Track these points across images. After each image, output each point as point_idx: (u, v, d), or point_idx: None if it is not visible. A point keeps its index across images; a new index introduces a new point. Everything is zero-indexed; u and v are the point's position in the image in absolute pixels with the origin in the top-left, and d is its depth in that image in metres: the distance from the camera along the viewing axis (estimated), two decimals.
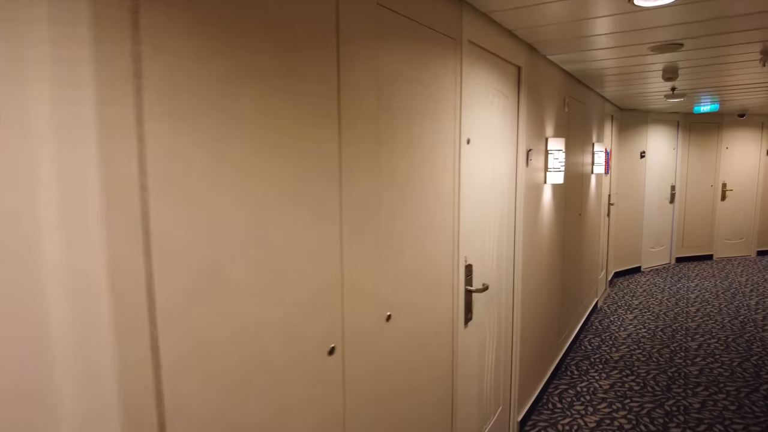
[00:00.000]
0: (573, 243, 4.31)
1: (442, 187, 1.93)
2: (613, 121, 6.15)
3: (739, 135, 7.93)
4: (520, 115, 2.77)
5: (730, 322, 5.07)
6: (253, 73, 1.07)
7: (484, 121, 2.34)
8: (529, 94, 2.89)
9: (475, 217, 2.31)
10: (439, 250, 1.95)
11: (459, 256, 2.11)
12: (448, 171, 1.98)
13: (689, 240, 7.82)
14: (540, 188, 3.22)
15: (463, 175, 2.11)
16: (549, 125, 3.30)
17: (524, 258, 2.98)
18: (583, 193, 4.55)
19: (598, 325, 5.03)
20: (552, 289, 3.71)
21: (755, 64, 3.46)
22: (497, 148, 2.53)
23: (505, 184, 2.67)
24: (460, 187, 2.07)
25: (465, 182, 2.17)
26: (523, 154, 2.84)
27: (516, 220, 2.83)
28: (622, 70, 3.72)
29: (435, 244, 1.91)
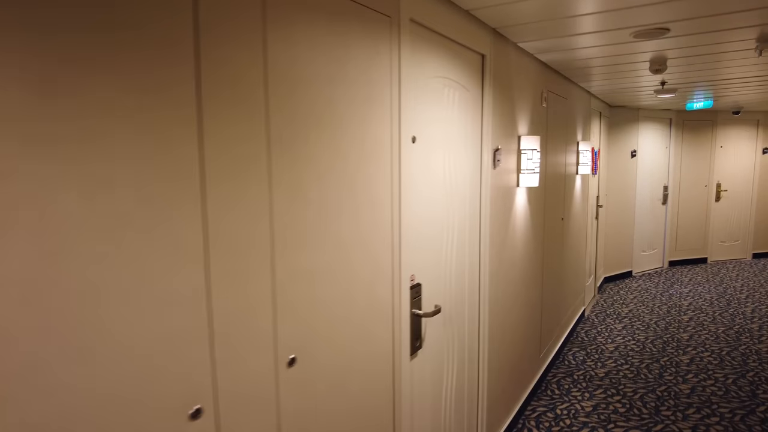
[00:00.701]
0: (554, 250, 3.98)
1: (374, 196, 1.60)
2: (602, 118, 5.84)
3: (734, 133, 7.63)
4: (485, 110, 2.44)
5: (725, 332, 4.76)
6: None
7: (436, 116, 2.01)
8: (496, 86, 2.57)
9: (425, 228, 1.98)
10: (372, 270, 1.62)
11: (402, 276, 1.78)
12: (382, 176, 1.65)
13: (682, 243, 7.52)
14: (512, 192, 2.89)
15: (406, 181, 1.78)
16: (522, 122, 2.98)
17: (493, 271, 2.65)
18: (566, 196, 4.23)
19: (584, 336, 4.71)
20: (530, 301, 3.38)
21: (750, 54, 3.14)
22: (455, 147, 2.20)
23: (466, 189, 2.34)
24: (401, 194, 1.74)
25: (410, 188, 1.84)
26: (489, 154, 2.51)
27: (482, 228, 2.50)
28: (606, 61, 3.39)
29: (365, 264, 1.58)
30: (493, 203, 2.61)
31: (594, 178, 5.56)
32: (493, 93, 2.54)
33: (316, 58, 1.32)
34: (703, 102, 5.86)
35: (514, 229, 2.95)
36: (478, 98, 2.40)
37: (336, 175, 1.42)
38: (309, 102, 1.31)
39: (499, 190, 2.68)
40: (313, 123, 1.33)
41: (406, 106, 1.75)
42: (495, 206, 2.64)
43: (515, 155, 2.91)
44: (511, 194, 2.88)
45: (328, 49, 1.36)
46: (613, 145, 6.51)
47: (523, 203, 3.10)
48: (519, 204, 3.02)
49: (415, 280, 1.93)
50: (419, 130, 1.89)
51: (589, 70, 3.71)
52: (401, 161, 1.73)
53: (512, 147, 2.86)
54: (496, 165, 2.59)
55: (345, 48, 1.43)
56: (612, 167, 6.53)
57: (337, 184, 1.43)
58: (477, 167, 2.44)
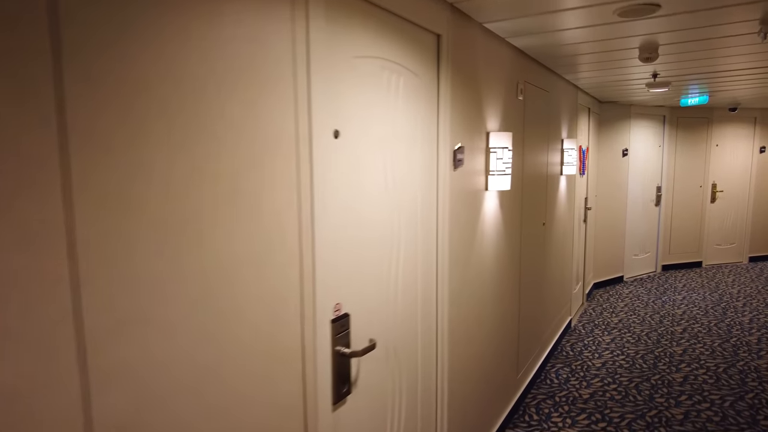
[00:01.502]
0: (535, 259, 3.61)
1: (268, 208, 1.22)
2: (591, 114, 5.47)
3: (730, 131, 7.28)
4: (442, 101, 2.06)
5: (721, 345, 4.40)
6: None
7: (371, 106, 1.63)
8: (457, 74, 2.19)
9: (358, 244, 1.60)
10: (269, 306, 1.24)
11: (318, 308, 1.40)
12: (284, 181, 1.26)
13: (676, 246, 7.17)
14: (479, 197, 2.52)
15: (324, 186, 1.40)
16: (492, 116, 2.60)
17: (454, 290, 2.28)
18: (549, 199, 3.86)
19: (569, 350, 4.35)
20: (504, 319, 3.01)
21: (751, 39, 2.77)
22: (401, 144, 1.82)
23: (417, 195, 1.96)
24: (315, 204, 1.36)
25: (331, 196, 1.46)
26: (448, 152, 2.13)
27: (439, 241, 2.12)
28: (590, 47, 3.02)
29: (256, 298, 1.20)
30: (454, 211, 2.23)
31: (582, 179, 5.19)
32: (453, 81, 2.16)
33: (155, 19, 0.93)
34: (698, 97, 5.50)
35: (482, 239, 2.58)
36: (432, 87, 2.02)
37: (200, 184, 1.04)
38: (144, 83, 0.92)
39: (461, 194, 2.31)
40: (152, 113, 0.94)
41: (322, 92, 1.37)
42: (456, 214, 2.26)
43: (483, 154, 2.53)
44: (478, 199, 2.50)
45: (190, 16, 0.98)
46: (603, 143, 6.15)
47: (494, 209, 2.72)
48: (488, 210, 2.64)
49: (342, 310, 1.55)
50: (345, 123, 1.51)
51: (573, 59, 3.34)
52: (314, 162, 1.35)
53: (479, 145, 2.48)
54: (456, 166, 2.22)
55: (214, 3, 1.04)
56: (602, 167, 6.17)
57: (198, 197, 1.04)
58: (432, 169, 2.06)
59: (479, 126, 2.45)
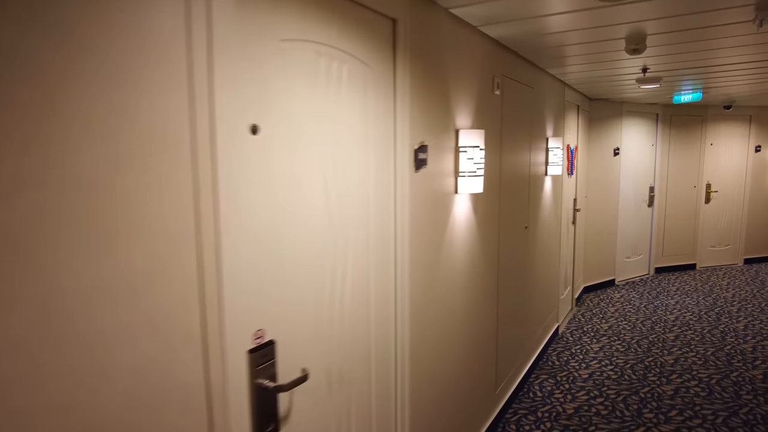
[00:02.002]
0: (516, 264, 3.39)
1: (152, 220, 0.99)
2: (580, 112, 5.25)
3: (725, 130, 7.07)
4: (399, 95, 1.83)
5: (714, 354, 4.19)
6: None
7: (304, 98, 1.40)
8: (417, 64, 1.96)
9: (287, 262, 1.37)
10: (157, 339, 1.01)
11: (228, 336, 1.17)
12: (178, 186, 1.03)
13: (670, 248, 6.96)
14: (448, 201, 2.29)
15: (237, 193, 1.17)
16: (462, 112, 2.37)
17: (417, 303, 2.05)
18: (532, 201, 3.63)
19: (555, 360, 4.13)
20: (479, 330, 2.78)
21: (745, 30, 2.55)
22: (346, 142, 1.59)
23: (368, 199, 1.73)
24: (218, 215, 1.13)
25: (248, 204, 1.23)
26: (408, 152, 1.90)
27: (398, 252, 1.89)
28: (574, 38, 2.80)
29: (135, 333, 0.97)
30: (417, 217, 2.01)
31: (570, 179, 4.97)
32: (414, 73, 1.93)
33: None
34: (692, 95, 5.29)
35: (452, 248, 2.35)
36: (387, 78, 1.79)
37: (32, 191, 0.81)
38: None
39: (426, 199, 2.08)
40: None
41: (231, 77, 1.14)
42: (419, 221, 2.03)
43: (452, 154, 2.30)
44: (446, 204, 2.27)
45: None
46: (593, 142, 5.93)
47: (466, 213, 2.50)
48: (459, 215, 2.42)
49: (265, 337, 1.32)
50: (267, 117, 1.28)
51: (557, 52, 3.11)
52: (220, 162, 1.12)
53: (448, 144, 2.25)
54: (419, 167, 1.99)
55: None
56: (593, 166, 5.95)
57: (26, 208, 0.81)
58: (388, 170, 1.83)
59: (447, 123, 2.22)
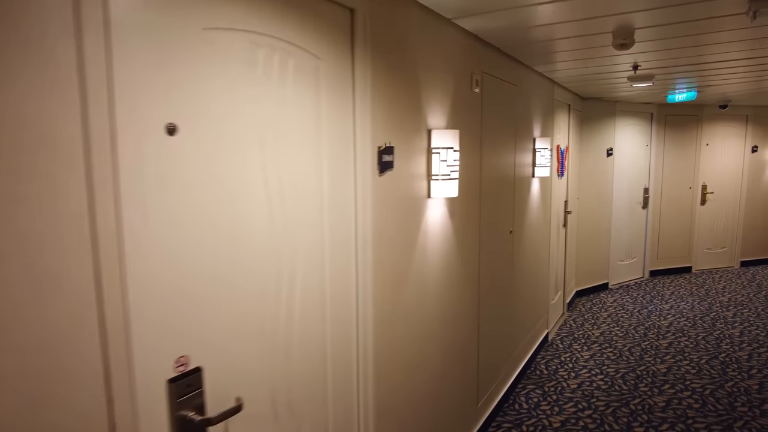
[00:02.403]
0: (499, 271, 3.23)
1: (24, 233, 0.83)
2: (571, 111, 5.10)
3: (721, 130, 6.93)
4: (359, 92, 1.68)
5: (709, 362, 4.04)
6: None
7: (235, 94, 1.25)
8: (382, 59, 1.80)
9: (218, 279, 1.22)
10: (40, 378, 0.86)
11: (138, 366, 1.02)
12: (58, 193, 0.88)
13: (665, 251, 6.82)
14: (419, 206, 2.14)
15: (150, 202, 1.02)
16: (436, 111, 2.22)
17: (382, 317, 1.89)
18: (517, 204, 3.48)
19: (543, 369, 3.97)
20: (457, 343, 2.63)
21: (739, 23, 2.41)
22: (293, 144, 1.43)
23: (322, 206, 1.57)
24: (122, 221, 0.98)
25: (165, 214, 1.07)
26: (370, 154, 1.75)
27: (359, 263, 1.74)
28: (557, 31, 2.64)
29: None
30: (382, 225, 1.85)
31: (561, 181, 4.82)
32: (377, 68, 1.78)
33: None
34: (686, 94, 5.14)
35: (425, 257, 2.20)
36: (344, 73, 1.63)
37: None
38: None
39: (393, 204, 1.92)
40: None
41: (137, 72, 0.98)
42: (385, 229, 1.88)
43: (425, 156, 2.15)
44: (417, 209, 2.12)
45: None
46: (585, 142, 5.78)
47: (441, 219, 2.34)
48: (433, 221, 2.26)
49: (190, 364, 1.16)
50: (189, 115, 1.12)
51: (541, 47, 2.96)
52: (121, 165, 0.97)
53: (419, 145, 2.10)
54: (383, 170, 1.83)
55: None
56: (585, 168, 5.80)
57: None
58: (347, 174, 1.67)
59: (417, 122, 2.07)
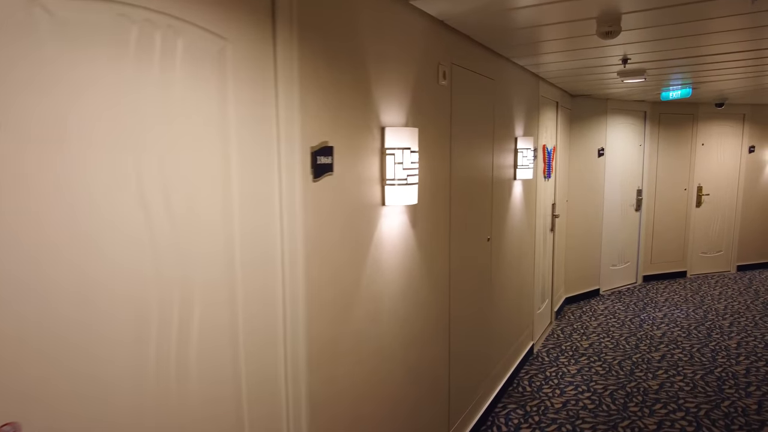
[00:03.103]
0: (475, 282, 2.95)
1: None
2: (560, 109, 4.83)
3: (717, 129, 6.67)
4: (283, 81, 1.39)
5: (704, 378, 3.78)
6: None
7: (94, 81, 0.96)
8: (316, 44, 1.52)
9: (72, 307, 0.93)
10: None
11: None
12: None
13: (659, 255, 6.55)
14: (371, 215, 1.85)
15: None
16: (391, 106, 1.93)
17: (318, 347, 1.61)
18: (496, 210, 3.20)
19: (526, 385, 3.70)
20: (421, 366, 2.35)
21: (737, 8, 2.13)
22: (185, 142, 1.15)
23: (232, 216, 1.29)
24: None
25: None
26: (300, 155, 1.46)
27: (286, 283, 1.45)
28: (535, 17, 2.36)
29: None
30: (318, 237, 1.57)
31: (548, 183, 4.55)
32: (310, 54, 1.49)
33: None
34: (681, 91, 4.88)
35: (378, 273, 1.91)
36: (263, 59, 1.35)
37: None
38: None
39: (334, 214, 1.64)
40: None
41: None
42: (323, 242, 1.59)
43: (377, 157, 1.86)
44: (368, 219, 1.83)
45: None
46: (575, 142, 5.51)
47: (400, 229, 2.06)
48: (389, 231, 1.98)
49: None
50: (15, 110, 0.83)
51: (519, 37, 2.68)
52: None
53: (369, 145, 1.81)
54: (319, 174, 1.55)
55: None
56: (575, 169, 5.53)
57: None
58: (269, 178, 1.39)
59: (367, 119, 1.79)
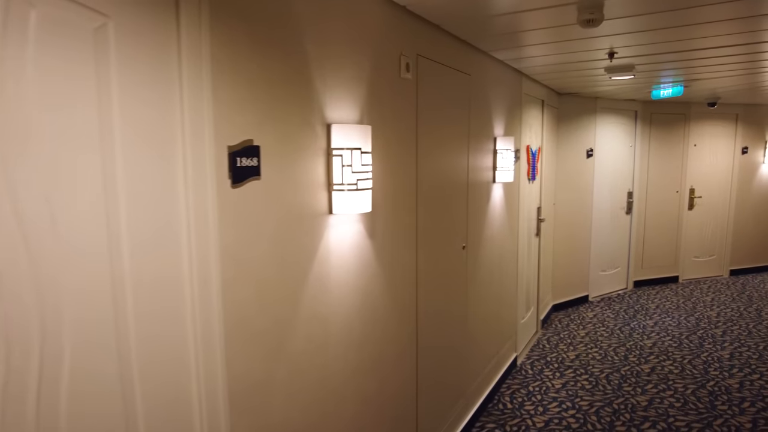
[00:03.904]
0: (447, 297, 2.72)
1: None
2: (546, 108, 4.60)
3: (709, 129, 6.47)
4: (189, 67, 1.15)
5: (695, 392, 3.56)
6: None
7: None
8: (236, 24, 1.28)
9: None
10: None
11: None
12: None
13: (650, 259, 6.35)
14: (315, 226, 1.61)
15: None
16: (340, 100, 1.69)
17: (247, 384, 1.37)
18: (472, 215, 2.97)
19: (507, 402, 3.47)
20: (391, 392, 2.11)
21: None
22: (42, 139, 0.91)
23: (119, 234, 1.05)
24: None
25: None
26: (214, 156, 1.22)
27: (197, 313, 1.21)
28: (508, 4, 2.13)
29: None
30: (238, 254, 1.32)
31: (533, 185, 4.32)
32: (221, 39, 1.25)
33: None
34: (672, 89, 4.67)
35: (325, 291, 1.67)
36: (161, 41, 1.10)
37: None
38: None
39: (264, 226, 1.40)
40: None
41: None
42: (246, 259, 1.35)
43: (322, 158, 1.62)
44: (311, 230, 1.59)
45: None
46: (563, 142, 5.29)
47: (354, 240, 1.81)
48: (339, 244, 1.73)
49: None
50: None
51: (496, 26, 2.45)
52: None
53: (311, 144, 1.57)
54: (240, 179, 1.30)
55: None
56: (562, 170, 5.31)
57: None
58: (169, 187, 1.14)
59: (307, 114, 1.54)
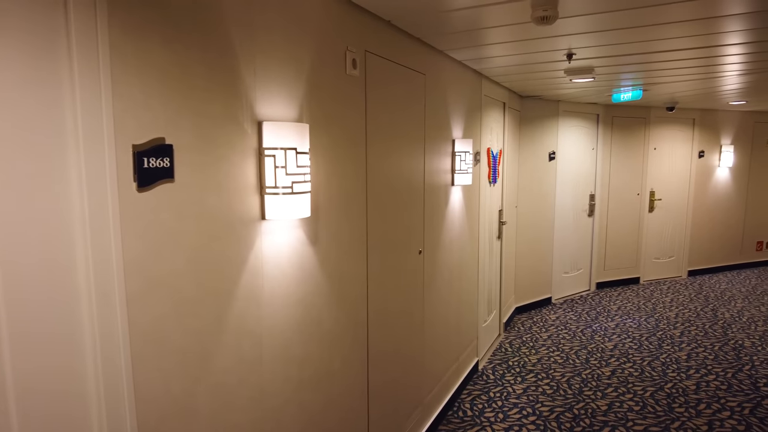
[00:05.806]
0: (402, 303, 2.61)
1: None
2: (507, 110, 4.57)
3: (668, 133, 6.60)
4: (81, 51, 1.01)
5: (654, 395, 3.56)
6: None
7: None
8: (136, 6, 1.14)
9: None
10: None
11: None
12: None
13: (612, 261, 6.42)
14: (245, 232, 1.47)
15: None
16: (274, 95, 1.57)
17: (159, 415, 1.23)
18: (428, 219, 2.88)
19: (468, 409, 3.39)
20: (337, 407, 1.99)
21: None
22: None
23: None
24: None
25: None
26: (114, 155, 1.08)
27: (97, 336, 1.07)
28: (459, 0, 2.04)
29: None
30: (150, 268, 1.18)
31: (494, 188, 4.27)
32: (123, 25, 1.11)
33: None
34: (632, 92, 4.71)
35: (257, 306, 1.53)
36: (41, 20, 0.96)
37: None
38: None
39: (181, 235, 1.26)
40: None
41: None
42: (159, 273, 1.20)
43: (252, 159, 1.49)
44: (238, 238, 1.46)
45: None
46: (525, 145, 5.28)
47: (292, 248, 1.69)
48: (274, 252, 1.60)
49: None
50: None
51: (445, 22, 2.36)
52: None
53: (239, 144, 1.44)
54: (149, 181, 1.16)
55: None
56: (524, 173, 5.30)
57: None
58: (61, 192, 1.00)
59: (234, 110, 1.41)
